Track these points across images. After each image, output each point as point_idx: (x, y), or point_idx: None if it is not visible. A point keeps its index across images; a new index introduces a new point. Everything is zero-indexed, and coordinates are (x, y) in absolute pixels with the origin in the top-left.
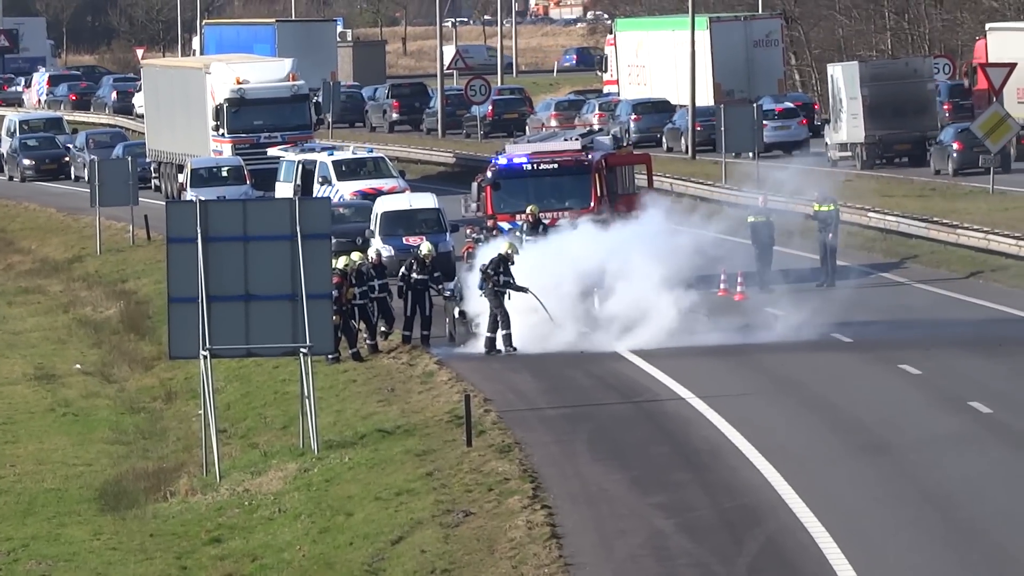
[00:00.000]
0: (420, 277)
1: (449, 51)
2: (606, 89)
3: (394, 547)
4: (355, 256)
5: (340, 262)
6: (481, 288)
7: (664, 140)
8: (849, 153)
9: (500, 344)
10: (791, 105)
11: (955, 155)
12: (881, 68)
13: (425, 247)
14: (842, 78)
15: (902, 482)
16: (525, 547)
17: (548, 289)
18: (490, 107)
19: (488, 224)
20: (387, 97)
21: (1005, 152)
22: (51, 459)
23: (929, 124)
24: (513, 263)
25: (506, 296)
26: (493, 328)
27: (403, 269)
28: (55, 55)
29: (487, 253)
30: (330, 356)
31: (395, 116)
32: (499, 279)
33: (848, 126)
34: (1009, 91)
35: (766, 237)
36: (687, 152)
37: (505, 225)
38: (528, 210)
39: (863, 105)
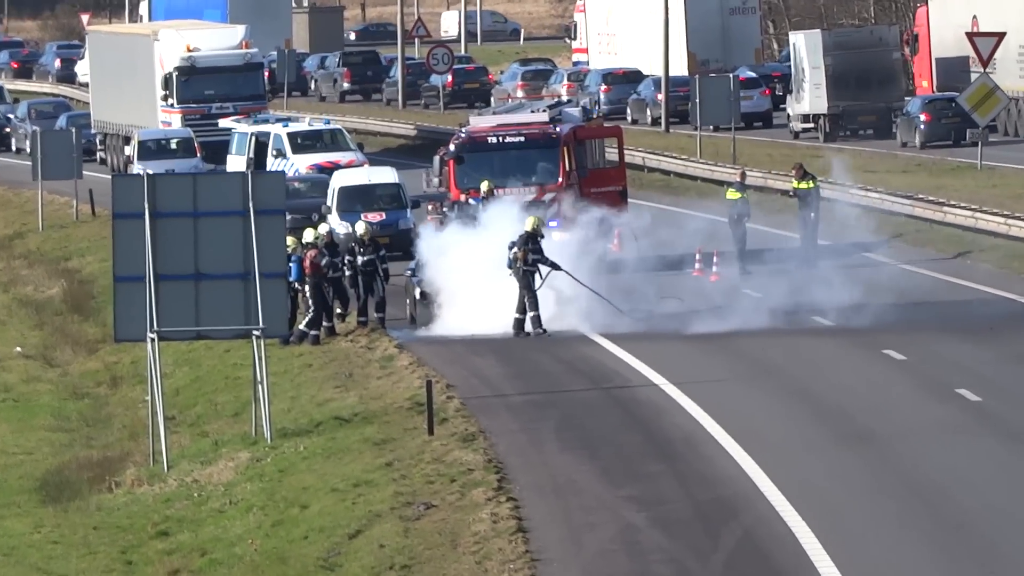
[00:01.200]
0: (367, 258)
1: (451, 18)
2: (575, 58)
3: (351, 541)
4: (322, 230)
5: (308, 235)
6: (510, 267)
7: (628, 111)
8: (811, 125)
9: (529, 326)
10: (751, 74)
11: (922, 127)
12: (845, 36)
13: (360, 226)
14: (804, 47)
15: (886, 473)
16: (490, 541)
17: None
18: (450, 77)
19: (448, 201)
20: (338, 66)
21: (975, 124)
22: None
23: (895, 95)
24: (542, 237)
25: (537, 275)
26: (522, 309)
27: (347, 255)
28: None
29: (449, 235)
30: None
31: (346, 86)
32: (528, 257)
33: (810, 97)
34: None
35: (743, 215)
36: (652, 124)
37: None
38: (483, 185)
39: (826, 75)
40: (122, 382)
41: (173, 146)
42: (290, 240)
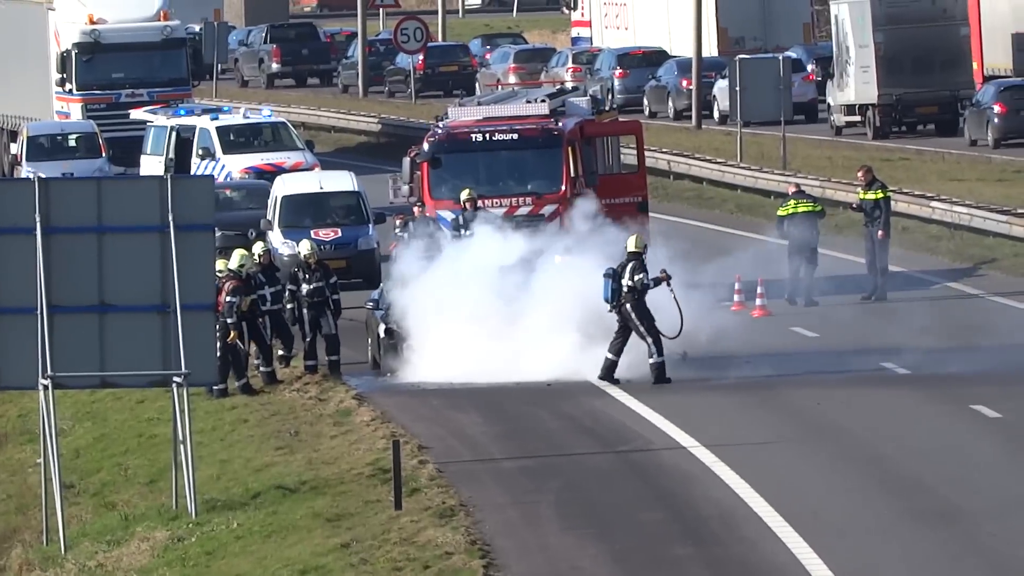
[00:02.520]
0: (314, 286)
1: None
2: (574, 33)
3: None
4: (257, 249)
5: (234, 260)
6: (617, 301)
7: (646, 102)
8: (858, 118)
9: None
10: (793, 55)
11: (996, 120)
12: (900, 7)
13: (305, 246)
14: (849, 20)
15: (975, 561)
16: None
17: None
18: (421, 58)
19: (415, 211)
20: (264, 42)
21: None
22: None
23: (962, 80)
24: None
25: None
26: (619, 350)
27: (289, 283)
28: None
29: (414, 255)
30: (214, 388)
31: (275, 67)
32: (641, 283)
33: (857, 83)
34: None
35: (808, 233)
36: (676, 118)
37: (447, 215)
38: (463, 195)
39: (876, 55)
40: (7, 441)
41: (72, 143)
42: (220, 264)
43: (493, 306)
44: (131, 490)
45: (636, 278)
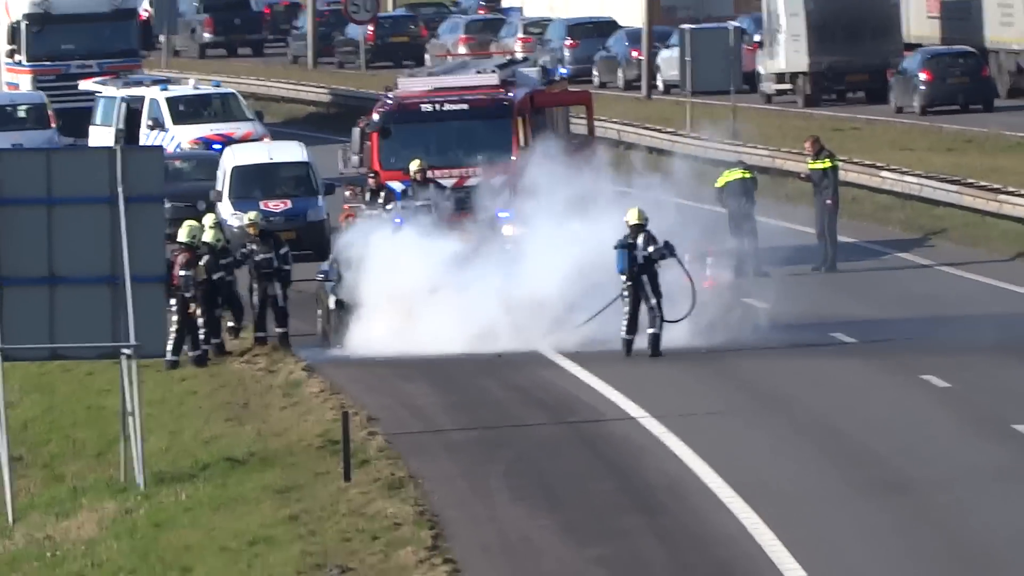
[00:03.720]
0: (261, 257)
1: None
2: (507, 2)
3: None
4: (207, 221)
5: (183, 233)
6: (632, 272)
7: (595, 72)
8: (788, 86)
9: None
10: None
11: (923, 88)
12: None
13: (249, 215)
14: None
15: (926, 531)
16: None
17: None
18: (371, 29)
19: (371, 183)
20: (197, 12)
21: (987, 83)
22: None
23: (892, 49)
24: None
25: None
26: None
27: (240, 251)
28: None
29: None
30: (167, 360)
31: (207, 37)
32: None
33: (787, 51)
34: (918, 4)
35: (747, 202)
36: (626, 88)
37: (397, 185)
38: (411, 165)
39: (806, 24)
40: None
41: (21, 114)
42: (185, 232)
43: (443, 277)
44: (80, 462)
45: (651, 248)
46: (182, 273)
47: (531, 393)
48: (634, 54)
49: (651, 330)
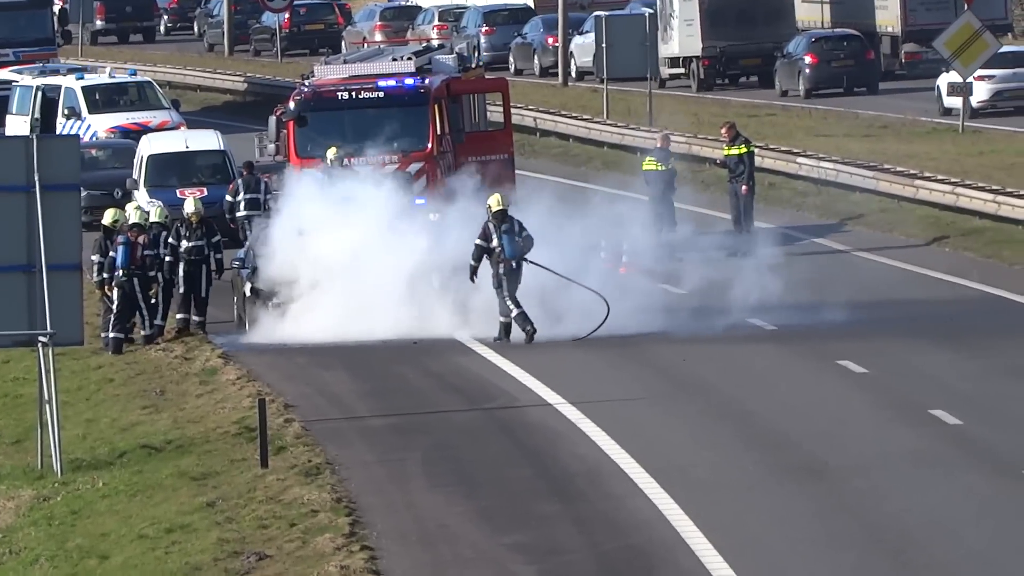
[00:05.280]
0: (193, 244)
1: None
2: None
3: None
4: (131, 208)
5: (134, 214)
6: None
7: (512, 59)
8: (682, 70)
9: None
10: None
11: (808, 71)
12: None
13: (190, 204)
14: None
15: (842, 517)
16: None
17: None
18: (287, 16)
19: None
20: None
21: (871, 66)
22: None
23: (786, 33)
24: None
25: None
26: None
27: (170, 237)
28: None
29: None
30: (110, 340)
31: (99, 23)
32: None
33: (680, 36)
34: None
35: (666, 190)
36: (542, 75)
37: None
38: (328, 153)
39: (700, 8)
40: None
41: None
42: (111, 214)
43: (359, 264)
44: None
45: (525, 234)
46: (148, 253)
47: (448, 380)
48: (550, 41)
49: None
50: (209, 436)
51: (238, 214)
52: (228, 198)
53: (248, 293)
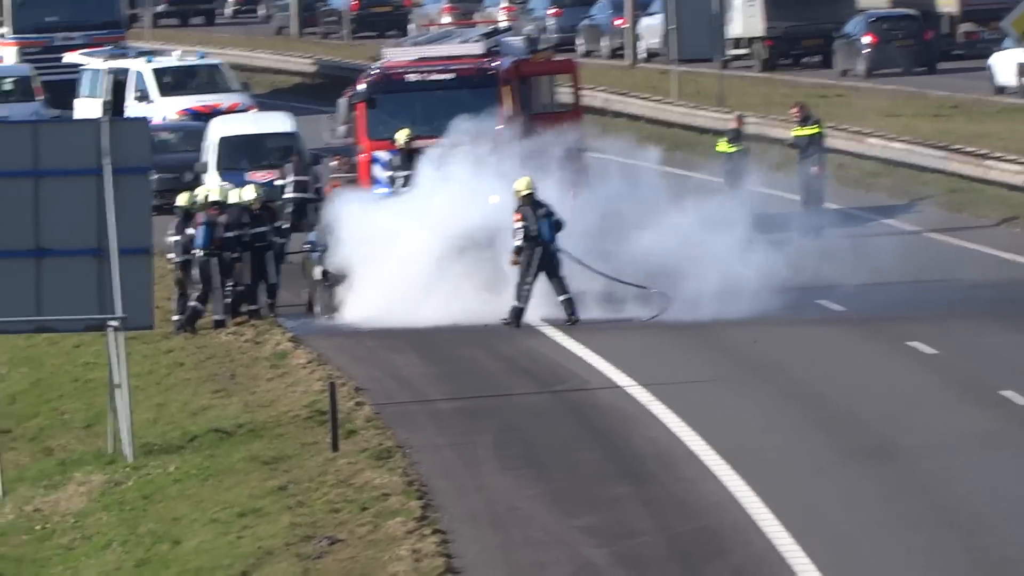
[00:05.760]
0: (257, 230)
1: None
2: None
3: None
4: (201, 192)
5: (216, 192)
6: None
7: (580, 41)
8: (745, 51)
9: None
10: None
11: (867, 51)
12: None
13: (249, 191)
14: None
15: (913, 498)
16: None
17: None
18: None
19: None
20: None
21: (929, 45)
22: None
23: (847, 13)
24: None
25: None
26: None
27: (233, 227)
28: None
29: (360, 198)
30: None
31: (161, 7)
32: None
33: (744, 17)
34: None
35: (741, 171)
36: (611, 56)
37: (383, 155)
38: (399, 135)
39: None
40: None
41: (7, 87)
42: (186, 197)
43: (430, 247)
44: (68, 435)
45: (555, 218)
46: (227, 234)
47: (518, 362)
48: (617, 22)
49: (565, 296)
50: (280, 420)
51: (284, 197)
52: (276, 182)
53: (318, 276)
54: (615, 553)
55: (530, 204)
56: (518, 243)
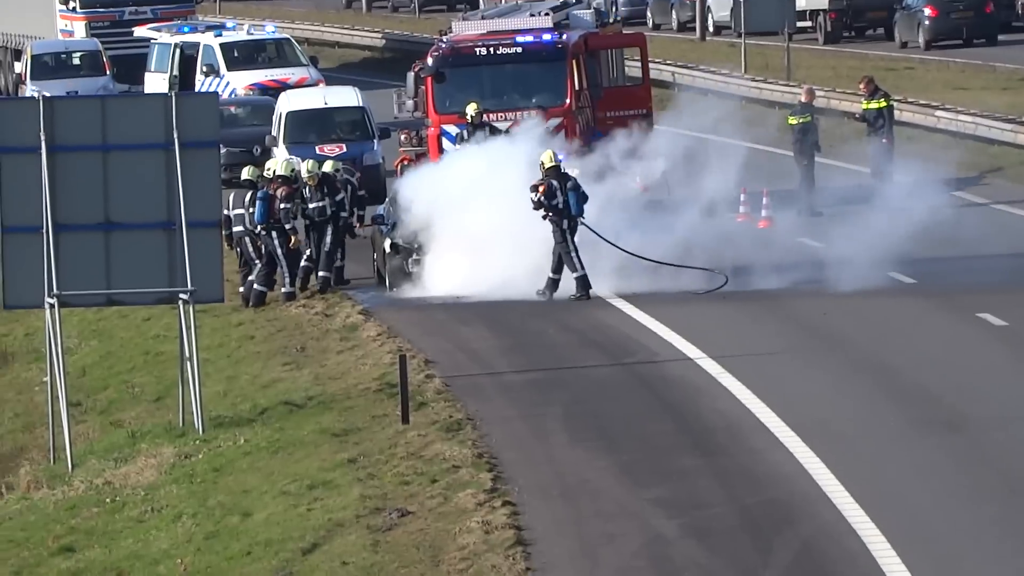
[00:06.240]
0: (316, 205)
1: None
2: None
3: (306, 557)
4: (271, 167)
5: (282, 166)
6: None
7: (649, 14)
8: (809, 23)
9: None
10: None
11: (927, 23)
12: None
13: (307, 164)
14: None
15: (983, 469)
16: (481, 557)
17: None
18: None
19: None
20: None
21: (990, 17)
22: None
23: None
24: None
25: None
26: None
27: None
28: None
29: (429, 170)
30: (285, 290)
31: None
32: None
33: None
34: None
35: (809, 144)
36: (679, 29)
37: (452, 129)
38: (469, 108)
39: None
40: (14, 360)
41: (76, 61)
42: (249, 171)
43: (500, 220)
44: (138, 407)
45: (581, 191)
46: (283, 206)
47: (587, 335)
48: None
49: (580, 273)
50: (350, 392)
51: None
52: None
53: (388, 249)
54: (685, 525)
55: (557, 176)
56: (538, 210)
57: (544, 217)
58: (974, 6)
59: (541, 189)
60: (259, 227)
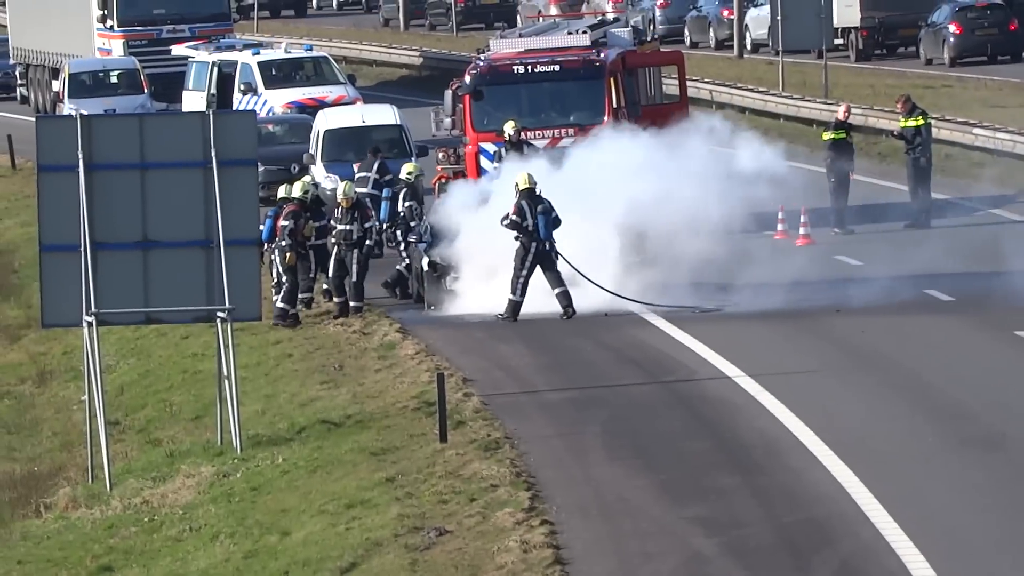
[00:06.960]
0: (343, 228)
1: None
2: None
3: None
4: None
5: (297, 188)
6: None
7: (687, 32)
8: (841, 41)
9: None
10: None
11: (952, 40)
12: None
13: (342, 187)
14: None
15: (1021, 487)
16: None
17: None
18: None
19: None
20: None
21: (1015, 35)
22: None
23: (941, 2)
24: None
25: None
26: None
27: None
28: None
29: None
30: (288, 315)
31: None
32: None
33: (840, 6)
34: None
35: (845, 162)
36: (717, 48)
37: (490, 147)
38: (507, 126)
39: None
40: (52, 378)
41: (114, 80)
42: (285, 189)
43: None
44: (176, 426)
45: (554, 215)
46: (282, 223)
47: (625, 353)
48: (725, 13)
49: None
50: (388, 411)
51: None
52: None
53: (425, 268)
54: (723, 543)
55: (529, 199)
56: (507, 229)
57: (516, 238)
58: (998, 23)
59: (512, 209)
60: (264, 244)
